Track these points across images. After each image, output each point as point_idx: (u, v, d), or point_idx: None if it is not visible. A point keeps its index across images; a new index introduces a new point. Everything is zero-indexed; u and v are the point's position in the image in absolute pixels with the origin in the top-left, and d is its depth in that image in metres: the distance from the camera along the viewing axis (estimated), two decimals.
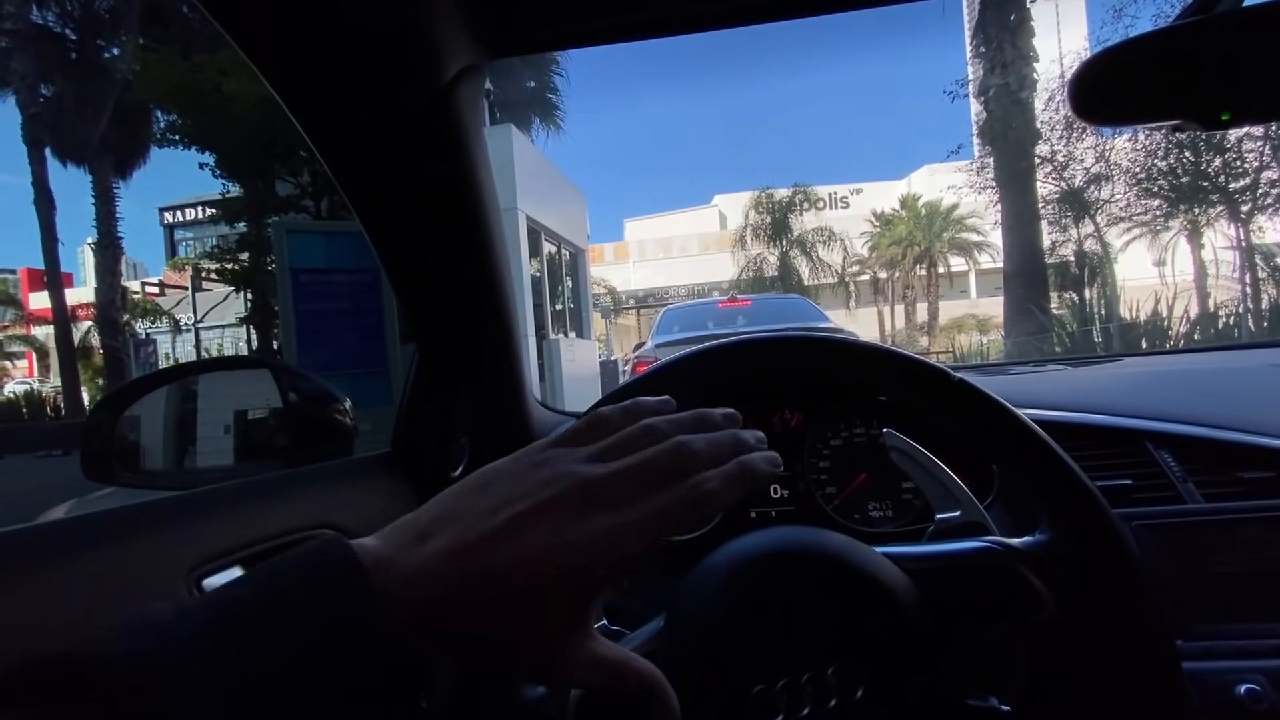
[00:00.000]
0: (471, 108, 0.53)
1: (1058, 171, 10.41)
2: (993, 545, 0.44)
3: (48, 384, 20.19)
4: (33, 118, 12.62)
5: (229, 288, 10.65)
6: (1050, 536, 0.43)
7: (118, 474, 0.77)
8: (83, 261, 26.90)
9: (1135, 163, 9.84)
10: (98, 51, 12.73)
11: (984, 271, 22.68)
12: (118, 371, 12.76)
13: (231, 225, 9.84)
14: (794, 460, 0.77)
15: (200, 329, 17.17)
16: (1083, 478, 0.43)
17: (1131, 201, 10.36)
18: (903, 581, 0.41)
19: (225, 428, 0.83)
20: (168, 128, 9.73)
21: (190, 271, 17.84)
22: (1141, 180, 9.93)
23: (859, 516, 0.75)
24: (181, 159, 9.15)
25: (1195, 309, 7.82)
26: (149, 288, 21.21)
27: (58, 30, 12.70)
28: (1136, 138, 9.38)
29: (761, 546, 0.42)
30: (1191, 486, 0.68)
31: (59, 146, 13.02)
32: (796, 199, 21.30)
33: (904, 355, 0.48)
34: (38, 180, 12.79)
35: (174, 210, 26.24)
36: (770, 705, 0.38)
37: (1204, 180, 9.37)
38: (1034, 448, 0.44)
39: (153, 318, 18.42)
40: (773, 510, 0.77)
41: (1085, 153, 10.20)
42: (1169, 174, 9.70)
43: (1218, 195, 9.32)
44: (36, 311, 22.50)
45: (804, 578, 0.40)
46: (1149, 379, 0.97)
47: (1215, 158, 9.04)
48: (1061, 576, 0.42)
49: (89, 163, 13.07)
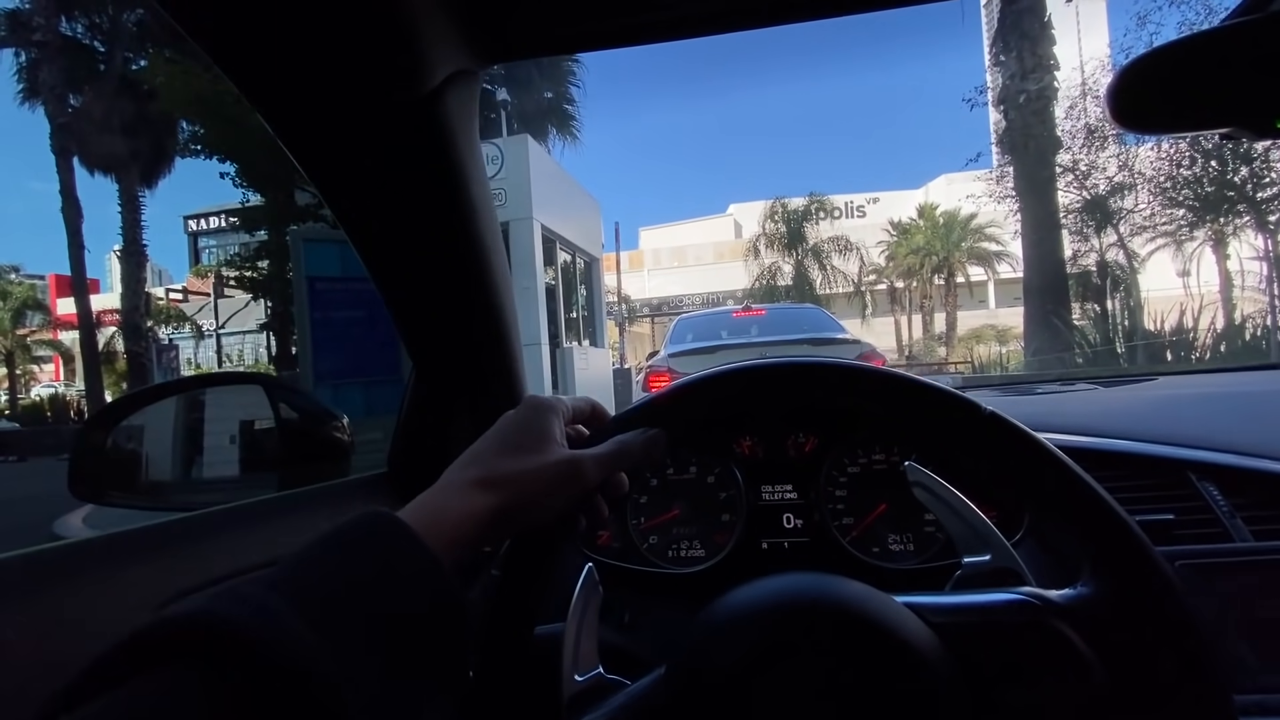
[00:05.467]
0: (462, 113, 0.50)
1: (1079, 180, 10.24)
2: (1029, 598, 0.39)
3: (73, 388, 20.57)
4: (61, 127, 12.92)
5: (249, 294, 10.81)
6: (1094, 590, 0.38)
7: (106, 494, 0.75)
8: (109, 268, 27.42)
9: (1159, 171, 9.65)
10: (124, 63, 13.02)
11: (1003, 282, 22.37)
12: (140, 376, 13.00)
13: (252, 233, 10.00)
14: (809, 488, 0.73)
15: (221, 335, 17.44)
16: (1132, 525, 0.38)
17: (1155, 211, 10.16)
18: (928, 638, 0.37)
19: (217, 446, 0.80)
20: (191, 137, 9.92)
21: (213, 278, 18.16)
22: (1166, 189, 9.73)
23: (878, 550, 0.71)
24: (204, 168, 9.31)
25: (1221, 321, 7.63)
26: (173, 294, 21.56)
27: (85, 42, 13.02)
28: (1160, 146, 9.21)
29: (771, 596, 0.38)
30: (1240, 523, 0.62)
31: (86, 155, 13.33)
32: (812, 208, 21.17)
33: (929, 385, 0.43)
34: (66, 188, 13.09)
35: (198, 218, 26.73)
36: None
37: (1230, 189, 9.16)
38: (1075, 491, 0.39)
39: (176, 323, 18.73)
40: (785, 541, 0.73)
41: (1108, 161, 10.04)
42: (1194, 183, 9.50)
43: (1244, 204, 9.11)
44: (63, 316, 22.96)
45: (818, 633, 0.36)
46: (1187, 401, 0.91)
47: (1242, 166, 8.84)
48: (1108, 637, 0.37)
49: (115, 171, 13.38)
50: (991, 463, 0.42)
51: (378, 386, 4.41)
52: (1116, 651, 0.36)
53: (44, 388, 22.78)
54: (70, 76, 12.67)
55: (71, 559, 0.47)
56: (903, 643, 0.35)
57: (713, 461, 0.76)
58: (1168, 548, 0.61)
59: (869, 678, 0.35)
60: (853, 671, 0.35)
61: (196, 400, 0.80)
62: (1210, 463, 0.66)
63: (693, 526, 0.75)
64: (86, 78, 12.83)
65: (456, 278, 0.62)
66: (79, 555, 0.47)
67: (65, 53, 12.65)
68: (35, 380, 24.76)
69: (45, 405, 14.93)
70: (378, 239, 0.59)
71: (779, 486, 0.74)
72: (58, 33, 12.75)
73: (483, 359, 0.72)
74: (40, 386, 23.57)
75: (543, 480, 0.39)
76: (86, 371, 14.21)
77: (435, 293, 0.63)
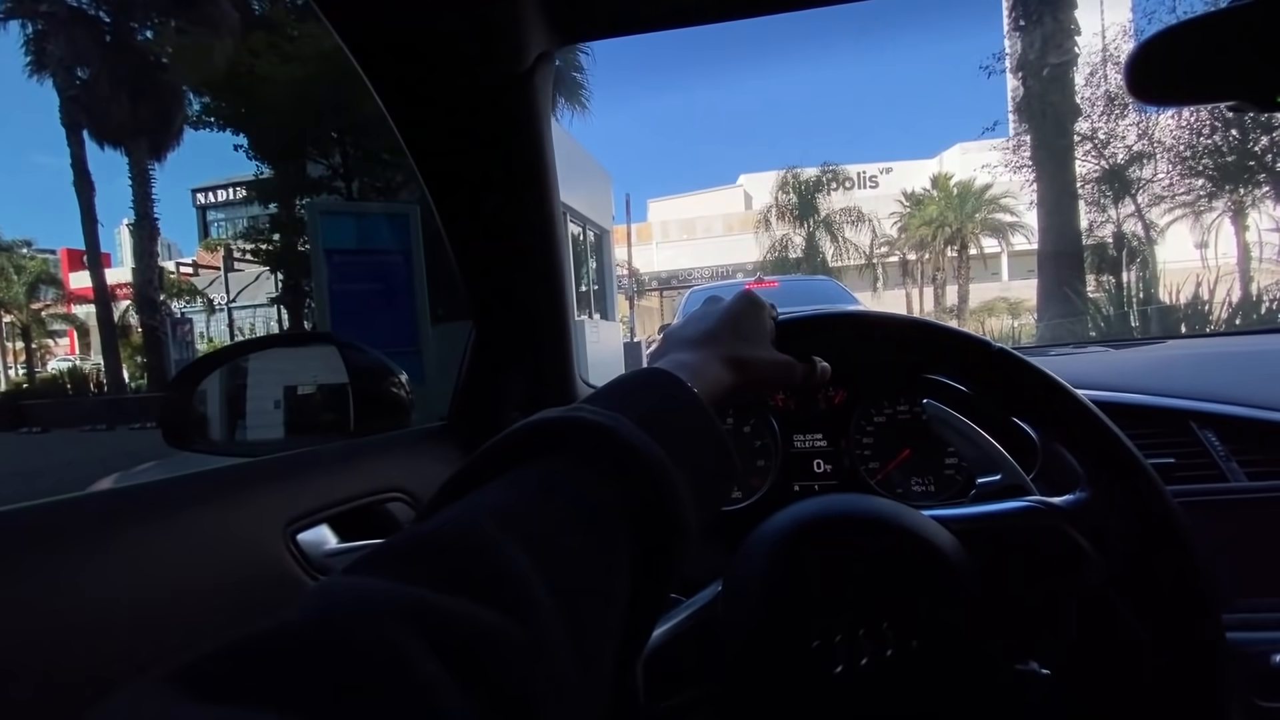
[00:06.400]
0: (545, 93, 0.56)
1: (1098, 149, 10.07)
2: (1036, 505, 0.46)
3: (89, 361, 20.83)
4: (70, 100, 12.90)
5: (261, 268, 10.86)
6: (1091, 494, 0.45)
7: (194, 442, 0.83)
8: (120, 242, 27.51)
9: (1179, 140, 9.47)
10: (132, 34, 12.92)
11: (1017, 253, 22.12)
12: (156, 349, 13.13)
13: (264, 206, 10.00)
14: (839, 437, 0.80)
15: (233, 309, 17.54)
16: (1121, 436, 0.44)
17: (1174, 181, 9.99)
18: (950, 540, 0.43)
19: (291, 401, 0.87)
20: (202, 110, 9.89)
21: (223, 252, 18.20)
22: (1186, 158, 9.56)
23: (901, 491, 0.77)
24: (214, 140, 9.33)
25: (1238, 293, 7.55)
26: (183, 268, 21.66)
27: (92, 13, 12.90)
28: (1181, 115, 9.02)
29: (811, 512, 0.44)
30: (1235, 465, 0.68)
31: (96, 129, 13.30)
32: (824, 178, 20.93)
33: (942, 326, 0.50)
34: (76, 162, 13.12)
35: (206, 191, 26.65)
36: (830, 657, 0.40)
37: (1250, 159, 8.99)
38: (1071, 408, 0.45)
39: (188, 297, 18.88)
40: (816, 484, 0.80)
41: (1127, 130, 9.85)
42: (1214, 152, 9.33)
43: (1264, 175, 8.95)
44: (77, 291, 23.18)
45: (855, 538, 0.42)
46: (1192, 361, 0.97)
47: (1262, 136, 8.67)
48: (1105, 532, 0.44)
49: (126, 145, 13.33)
50: (1003, 391, 0.48)
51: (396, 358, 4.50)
52: (1113, 547, 0.43)
53: (60, 361, 23.08)
54: (78, 48, 12.60)
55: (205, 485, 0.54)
56: (928, 543, 0.42)
57: (749, 413, 0.83)
58: (1169, 487, 0.67)
59: (902, 574, 0.41)
60: (887, 568, 0.41)
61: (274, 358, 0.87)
62: (1210, 412, 0.72)
63: None
64: (95, 49, 12.75)
65: (525, 247, 0.68)
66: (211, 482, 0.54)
67: (72, 24, 12.56)
68: (51, 354, 25.11)
69: (65, 378, 15.18)
70: (461, 206, 0.65)
71: (810, 435, 0.81)
72: (64, 3, 12.64)
73: (539, 324, 0.78)
74: (56, 360, 23.88)
75: (770, 371, 0.45)
76: (103, 345, 14.41)
77: (504, 260, 0.69)
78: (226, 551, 0.51)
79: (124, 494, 0.50)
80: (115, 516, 0.48)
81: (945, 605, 0.41)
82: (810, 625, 0.41)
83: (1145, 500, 0.43)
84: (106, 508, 0.48)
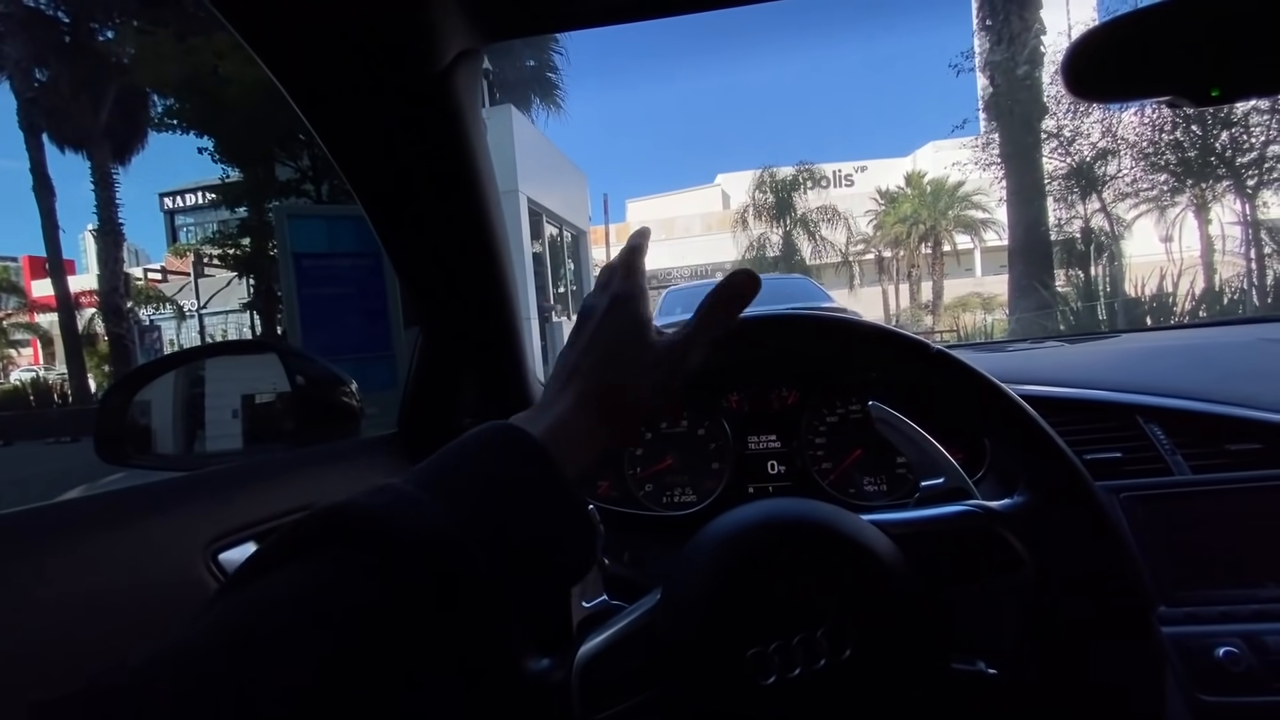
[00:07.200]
0: (469, 92, 0.54)
1: (1064, 147, 10.26)
2: (973, 508, 0.46)
3: (53, 371, 20.28)
4: (29, 103, 12.53)
5: (231, 273, 10.66)
6: (1028, 498, 0.45)
7: (130, 456, 0.79)
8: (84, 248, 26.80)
9: (1142, 137, 9.69)
10: (93, 35, 12.59)
11: (989, 249, 22.47)
12: (123, 358, 12.81)
13: (232, 210, 9.82)
14: (791, 437, 0.79)
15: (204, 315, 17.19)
16: (1057, 440, 0.44)
17: (1138, 176, 10.22)
18: (888, 545, 0.43)
19: (233, 410, 0.84)
20: (165, 112, 9.67)
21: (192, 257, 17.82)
22: (1149, 155, 9.78)
23: (854, 491, 0.77)
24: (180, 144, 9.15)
25: (1201, 285, 7.76)
26: (151, 274, 21.16)
27: (51, 14, 12.55)
28: (1144, 112, 9.24)
29: (751, 517, 0.44)
30: (1180, 459, 0.69)
31: (57, 132, 12.95)
32: (800, 177, 21.05)
33: (882, 328, 0.49)
34: (36, 166, 12.74)
35: (174, 195, 26.07)
36: (764, 667, 0.39)
37: (1211, 155, 9.23)
38: (1009, 412, 0.46)
39: (156, 304, 18.45)
40: (770, 486, 0.79)
41: (1092, 127, 10.05)
42: (1176, 148, 9.56)
43: (1225, 170, 9.19)
44: (39, 299, 22.53)
45: (792, 545, 0.42)
46: (1143, 354, 0.98)
47: (1222, 132, 8.90)
48: (1038, 536, 0.44)
49: (88, 148, 13.00)
50: (941, 393, 0.48)
51: (369, 363, 4.43)
52: (1046, 549, 0.43)
53: (23, 371, 22.43)
54: (37, 49, 12.25)
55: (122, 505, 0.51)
56: (866, 548, 0.41)
57: (703, 416, 0.82)
58: (1116, 480, 0.68)
59: (838, 580, 0.41)
60: (824, 574, 0.41)
61: (213, 367, 0.84)
62: (1156, 406, 0.73)
63: (685, 475, 0.82)
64: (54, 50, 12.40)
65: (463, 249, 0.66)
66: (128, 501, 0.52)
67: (30, 25, 12.20)
68: (14, 364, 24.38)
69: (27, 389, 14.73)
70: (391, 211, 0.63)
71: (764, 436, 0.80)
72: (20, 3, 12.27)
73: (487, 327, 0.76)
74: (19, 370, 23.21)
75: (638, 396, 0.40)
76: (68, 354, 14.02)
77: (443, 263, 0.68)
78: (143, 574, 0.48)
79: (34, 514, 0.48)
80: (24, 537, 0.45)
81: (880, 612, 0.40)
82: (746, 634, 0.40)
83: (1076, 501, 0.43)
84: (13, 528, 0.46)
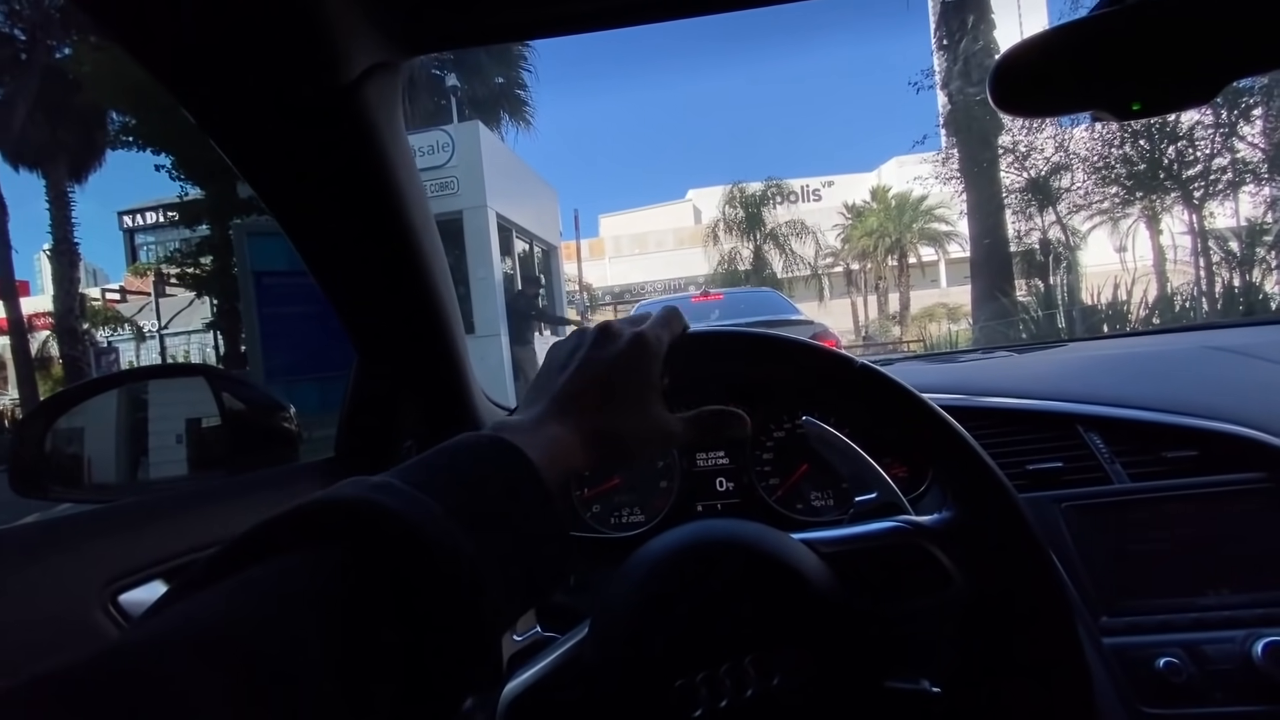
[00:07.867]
0: (385, 106, 0.52)
1: (1020, 161, 10.58)
2: (901, 525, 0.45)
3: (4, 396, 19.49)
4: None
5: (193, 293, 10.40)
6: (955, 513, 0.44)
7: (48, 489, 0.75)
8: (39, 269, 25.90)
9: (1094, 152, 10.04)
10: (47, 51, 12.28)
11: (954, 261, 23.01)
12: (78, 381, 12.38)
13: (192, 228, 9.59)
14: (738, 454, 0.78)
15: (165, 335, 16.71)
16: (980, 454, 0.44)
17: (1091, 189, 10.58)
18: (815, 565, 0.42)
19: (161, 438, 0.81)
20: (121, 129, 9.45)
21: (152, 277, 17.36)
22: (1100, 169, 10.14)
23: (801, 506, 0.76)
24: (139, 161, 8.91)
25: (1154, 293, 8.03)
26: (109, 294, 20.54)
27: (5, 30, 12.22)
28: (1094, 127, 9.58)
29: (676, 542, 0.43)
30: (1119, 467, 0.69)
31: (9, 149, 12.56)
32: (769, 192, 21.38)
33: (806, 344, 0.48)
34: None
35: (134, 214, 25.38)
36: (690, 698, 0.38)
37: (1159, 169, 9.60)
38: (935, 428, 0.45)
39: (114, 325, 17.91)
40: (718, 503, 0.78)
41: (1045, 143, 10.39)
42: (1126, 162, 9.91)
43: (1172, 182, 9.56)
44: None
45: (718, 569, 0.40)
46: (1087, 363, 0.99)
47: (1169, 146, 9.27)
48: (964, 551, 0.43)
49: (42, 166, 12.64)
50: (867, 409, 0.47)
51: (332, 382, 4.33)
52: (973, 564, 0.42)
53: None
54: None
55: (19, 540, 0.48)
56: (792, 570, 0.40)
57: None
58: (1057, 491, 0.68)
59: (765, 603, 0.40)
60: (750, 598, 0.39)
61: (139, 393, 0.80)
62: (1096, 415, 0.73)
63: (633, 494, 0.80)
64: (6, 67, 12.06)
65: (390, 269, 0.63)
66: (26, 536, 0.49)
67: None
68: None
69: None
70: (311, 231, 0.60)
71: (712, 454, 0.79)
72: None
73: (423, 348, 0.74)
74: None
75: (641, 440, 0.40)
76: (19, 378, 13.50)
77: (371, 284, 0.65)
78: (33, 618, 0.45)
79: None
80: None
81: (806, 634, 0.39)
82: (672, 665, 0.38)
83: (1000, 515, 0.42)
84: None
